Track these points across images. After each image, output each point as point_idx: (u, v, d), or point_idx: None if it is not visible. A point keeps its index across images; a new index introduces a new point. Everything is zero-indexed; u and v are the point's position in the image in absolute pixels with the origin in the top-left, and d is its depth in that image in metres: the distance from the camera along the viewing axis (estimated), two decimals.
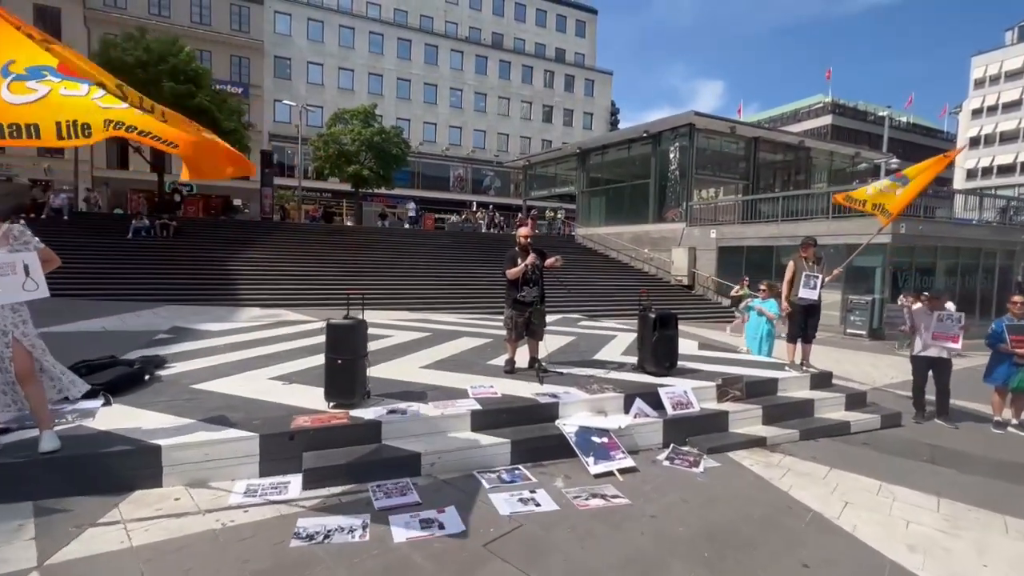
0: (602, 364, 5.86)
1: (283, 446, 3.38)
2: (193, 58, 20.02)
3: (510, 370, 5.25)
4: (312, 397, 4.08)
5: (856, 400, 5.57)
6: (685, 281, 19.54)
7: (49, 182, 26.88)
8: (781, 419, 5.01)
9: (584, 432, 4.03)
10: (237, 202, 32.39)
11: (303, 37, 35.35)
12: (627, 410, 4.55)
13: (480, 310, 13.02)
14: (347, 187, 28.11)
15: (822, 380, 5.74)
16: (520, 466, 3.75)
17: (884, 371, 9.29)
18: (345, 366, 3.86)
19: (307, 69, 35.59)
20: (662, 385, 4.88)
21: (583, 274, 18.92)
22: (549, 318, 5.84)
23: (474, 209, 33.18)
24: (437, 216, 31.38)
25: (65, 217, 16.85)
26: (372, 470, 3.38)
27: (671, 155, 21.33)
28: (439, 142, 39.32)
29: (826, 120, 56.01)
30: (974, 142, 50.59)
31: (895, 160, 27.67)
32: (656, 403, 4.66)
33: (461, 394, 4.41)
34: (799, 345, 5.82)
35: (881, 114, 57.46)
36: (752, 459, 4.26)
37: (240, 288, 13.70)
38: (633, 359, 6.07)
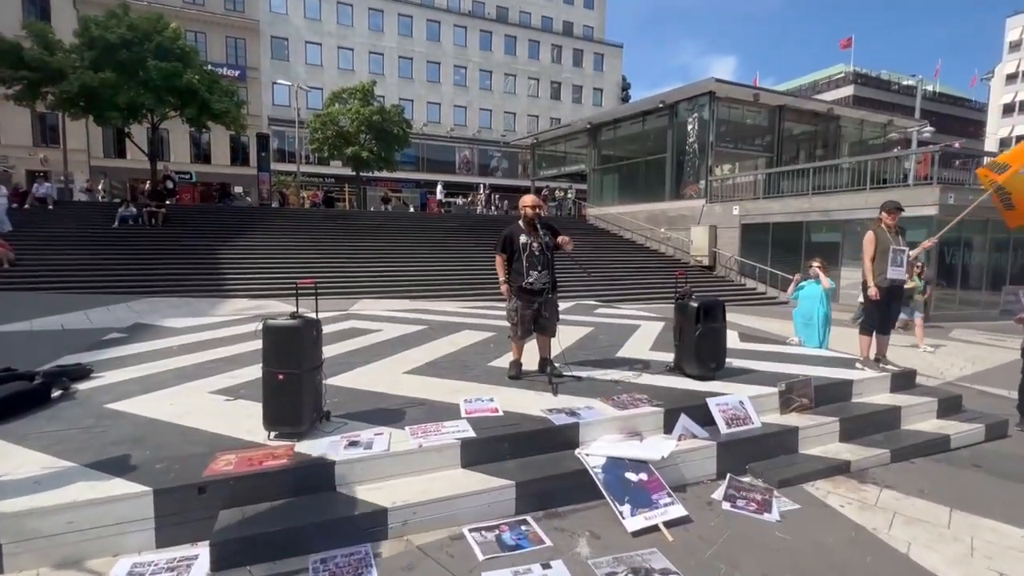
0: (629, 364, 4.79)
1: (191, 503, 2.39)
2: (180, 35, 18.88)
3: (515, 375, 4.21)
4: (255, 420, 3.06)
5: (950, 405, 4.45)
6: (705, 261, 18.29)
7: (46, 172, 26.27)
8: (862, 434, 3.92)
9: (615, 466, 2.98)
10: (237, 189, 31.57)
11: (300, 15, 33.99)
12: (668, 429, 3.49)
13: (487, 297, 11.99)
14: (350, 171, 27.04)
15: (905, 380, 4.62)
16: (528, 517, 2.72)
17: (947, 360, 8.09)
18: (289, 383, 2.84)
19: (305, 49, 34.29)
20: (711, 394, 3.81)
21: (596, 256, 17.75)
22: (561, 305, 4.78)
23: (481, 192, 31.96)
24: (442, 199, 30.22)
25: (49, 207, 16.03)
26: (316, 535, 2.37)
27: (689, 127, 19.88)
28: (443, 123, 37.95)
29: (848, 91, 53.41)
30: (1007, 108, 47.98)
31: (929, 128, 25.86)
32: (704, 418, 3.60)
33: (451, 412, 3.38)
34: (874, 337, 4.68)
35: (906, 83, 54.83)
36: (839, 495, 3.19)
37: (229, 278, 12.79)
38: (664, 355, 5.00)
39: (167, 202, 19.14)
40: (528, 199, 4.16)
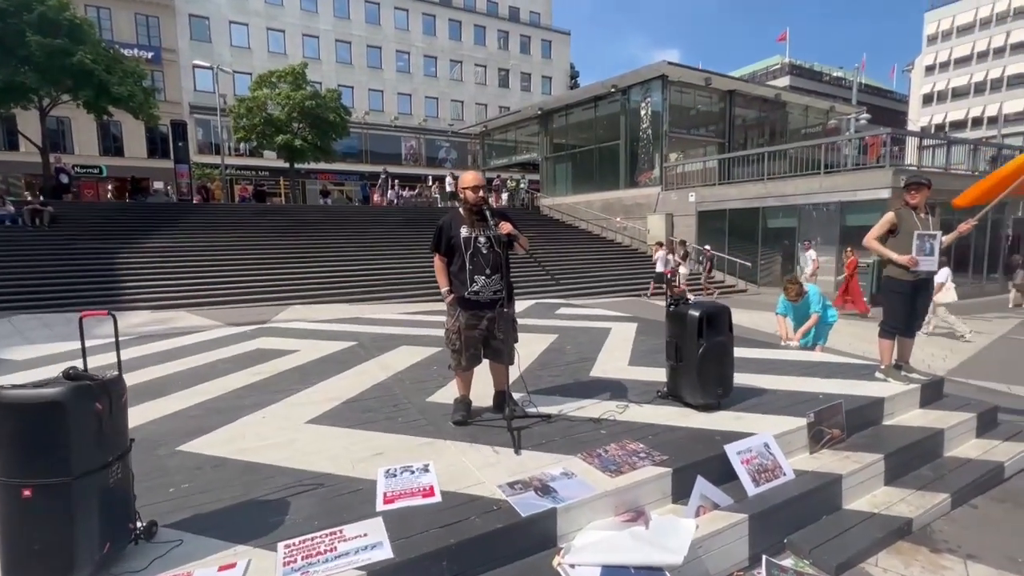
0: (609, 389, 3.77)
1: None
2: (67, 5, 16.26)
3: (461, 420, 3.08)
4: None
5: (988, 418, 3.70)
6: None
7: None
8: (908, 470, 3.08)
9: None
10: (158, 184, 28.48)
11: None
12: (679, 496, 2.47)
13: (432, 298, 10.76)
14: (284, 163, 24.78)
15: (933, 391, 3.85)
16: None
17: (926, 348, 7.65)
18: (43, 502, 1.59)
19: (230, 30, 31.28)
20: (725, 434, 2.83)
21: (552, 248, 16.84)
22: (519, 305, 3.66)
23: (429, 183, 30.36)
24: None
25: None
26: None
27: (642, 112, 19.26)
28: (387, 111, 35.88)
29: (784, 81, 55.13)
30: (927, 99, 50.91)
31: (866, 115, 26.61)
32: (720, 471, 2.62)
33: (363, 499, 2.22)
34: (896, 340, 3.88)
35: (836, 74, 57.59)
36: None
37: (129, 287, 10.89)
38: (648, 373, 4.03)
39: (62, 198, 16.65)
40: (469, 177, 3.00)
